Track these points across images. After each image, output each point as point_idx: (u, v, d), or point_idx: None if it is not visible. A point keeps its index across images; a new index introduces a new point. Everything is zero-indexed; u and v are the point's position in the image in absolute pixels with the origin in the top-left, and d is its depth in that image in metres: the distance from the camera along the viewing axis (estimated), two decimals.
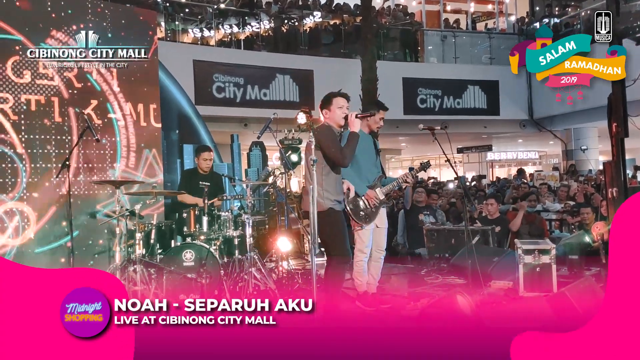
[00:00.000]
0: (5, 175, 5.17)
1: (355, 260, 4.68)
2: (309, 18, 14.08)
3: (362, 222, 4.59)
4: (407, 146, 20.86)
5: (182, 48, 12.53)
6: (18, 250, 5.19)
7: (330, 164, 4.12)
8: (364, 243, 4.64)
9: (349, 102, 4.25)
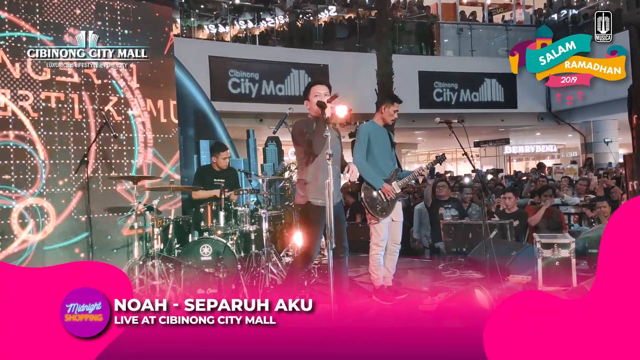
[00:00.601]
0: (25, 172, 5.25)
1: (371, 254, 4.68)
2: (324, 12, 14.05)
3: (379, 216, 4.60)
4: (423, 140, 20.75)
5: (198, 44, 12.58)
6: (38, 245, 5.27)
7: (308, 158, 3.97)
8: (379, 237, 4.63)
9: (329, 89, 3.97)
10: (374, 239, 4.67)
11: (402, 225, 4.85)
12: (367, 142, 4.68)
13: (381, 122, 4.81)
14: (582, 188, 9.01)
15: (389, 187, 4.60)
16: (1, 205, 5.10)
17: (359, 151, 4.70)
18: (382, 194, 4.60)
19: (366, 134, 4.72)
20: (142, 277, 4.90)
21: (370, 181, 4.63)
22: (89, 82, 5.64)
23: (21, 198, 5.21)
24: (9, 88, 5.20)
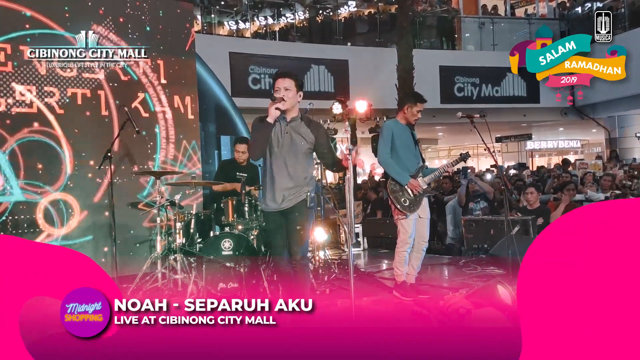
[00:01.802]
0: (50, 167, 5.34)
1: (397, 250, 4.65)
2: (344, 8, 14.01)
3: (406, 211, 4.58)
4: (444, 136, 20.59)
5: (219, 40, 12.65)
6: (62, 239, 5.37)
7: (263, 161, 3.64)
8: (407, 233, 4.60)
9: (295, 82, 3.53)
10: (401, 235, 4.64)
11: (429, 222, 4.80)
12: (390, 140, 4.64)
13: (404, 121, 4.74)
14: (607, 184, 8.85)
15: (415, 182, 4.58)
16: (27, 199, 5.20)
17: (383, 148, 4.66)
18: (408, 189, 4.59)
19: (389, 132, 4.68)
20: (165, 271, 4.95)
21: (395, 177, 4.60)
22: (114, 79, 5.72)
23: (46, 193, 5.30)
24: (35, 85, 5.29)
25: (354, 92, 12.40)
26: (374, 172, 16.78)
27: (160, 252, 5.04)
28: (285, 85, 3.49)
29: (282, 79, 3.51)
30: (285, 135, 3.49)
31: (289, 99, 3.47)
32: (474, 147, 22.79)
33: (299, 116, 3.58)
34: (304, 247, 3.59)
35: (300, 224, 3.53)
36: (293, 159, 3.50)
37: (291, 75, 3.55)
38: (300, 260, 3.54)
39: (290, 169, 3.50)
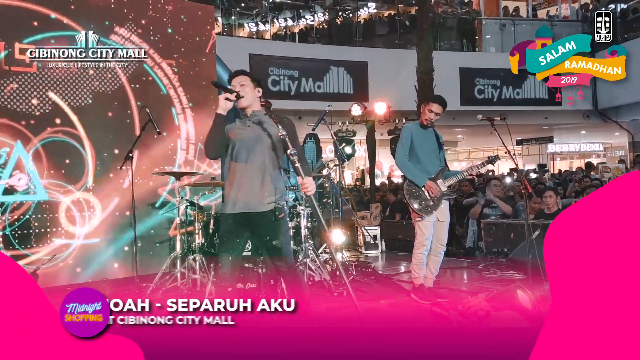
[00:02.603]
0: (73, 167, 5.42)
1: (414, 253, 4.61)
2: (364, 9, 13.99)
3: (422, 213, 4.53)
4: (463, 138, 20.43)
5: (238, 42, 12.73)
6: (85, 238, 5.44)
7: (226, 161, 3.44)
8: (424, 235, 4.55)
9: (252, 79, 3.37)
10: (418, 237, 4.59)
11: (448, 225, 4.75)
12: (409, 142, 4.60)
13: (426, 123, 4.67)
14: None
15: (432, 184, 4.53)
16: (50, 198, 5.29)
17: (400, 150, 4.64)
18: (425, 191, 4.55)
19: (408, 134, 4.64)
20: (184, 271, 5.00)
21: (412, 179, 4.56)
22: (135, 80, 5.79)
23: (69, 192, 5.39)
24: (59, 85, 5.38)
25: (373, 94, 12.37)
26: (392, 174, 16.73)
27: (180, 252, 5.09)
28: (240, 81, 3.32)
29: (236, 77, 3.36)
30: (248, 129, 3.28)
31: (247, 94, 3.28)
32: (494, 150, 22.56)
33: (261, 111, 3.38)
34: (288, 258, 3.34)
35: (275, 238, 3.26)
36: (259, 156, 3.25)
37: (245, 72, 3.42)
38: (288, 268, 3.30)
39: (256, 168, 3.24)
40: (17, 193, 5.13)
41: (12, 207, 5.09)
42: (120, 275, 5.57)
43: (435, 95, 4.85)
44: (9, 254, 4.99)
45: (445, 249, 4.72)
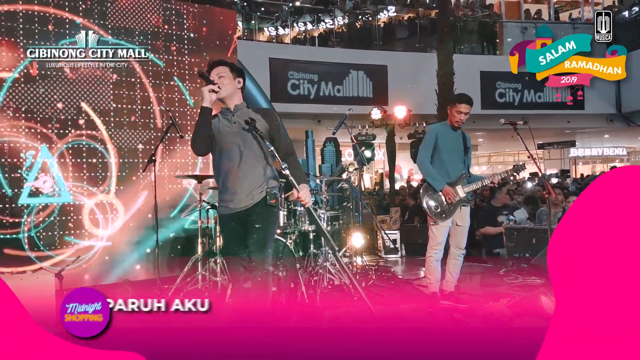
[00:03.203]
0: (97, 170, 5.51)
1: (426, 256, 4.58)
2: (383, 13, 13.97)
3: (437, 218, 4.49)
4: (484, 142, 20.27)
5: (259, 46, 12.79)
6: (108, 240, 5.52)
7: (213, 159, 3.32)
8: (436, 239, 4.51)
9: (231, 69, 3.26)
10: (430, 241, 4.55)
11: (467, 230, 4.71)
12: (433, 143, 4.53)
13: (454, 124, 4.61)
14: None
15: (450, 189, 4.46)
16: (74, 201, 5.37)
17: (422, 151, 4.57)
18: (442, 196, 4.49)
19: (433, 135, 4.57)
20: (205, 274, 5.03)
21: (431, 182, 4.51)
22: (157, 83, 5.87)
23: (92, 195, 5.47)
24: (83, 89, 5.47)
25: (393, 98, 12.34)
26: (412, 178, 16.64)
27: (201, 255, 5.13)
28: (218, 72, 3.20)
29: (215, 68, 3.23)
30: (233, 125, 3.17)
31: (225, 86, 3.16)
32: (515, 154, 22.32)
33: (243, 104, 3.28)
34: (263, 247, 3.14)
35: (259, 222, 3.14)
36: (246, 152, 3.15)
37: (223, 62, 3.28)
38: (260, 265, 3.11)
39: (244, 164, 3.14)
40: (42, 195, 5.22)
41: (38, 209, 5.18)
42: (142, 277, 5.64)
43: (460, 94, 4.72)
44: (33, 256, 5.09)
45: (464, 252, 4.68)
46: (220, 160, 3.20)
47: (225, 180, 3.18)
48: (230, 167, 3.15)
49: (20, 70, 5.13)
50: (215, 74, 3.18)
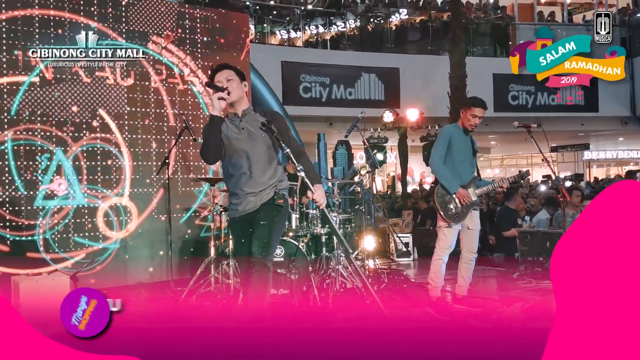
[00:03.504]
0: (111, 172, 5.55)
1: (433, 259, 4.52)
2: (395, 15, 13.96)
3: (451, 220, 4.45)
4: (497, 145, 20.16)
5: (271, 50, 12.84)
6: (121, 243, 5.56)
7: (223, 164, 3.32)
8: (447, 242, 4.47)
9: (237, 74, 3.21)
10: (440, 243, 4.50)
11: (478, 233, 4.68)
12: (446, 145, 4.48)
13: (462, 127, 4.58)
14: None
15: (464, 192, 4.44)
16: (89, 204, 5.42)
17: (436, 152, 4.50)
18: (456, 198, 4.46)
19: (447, 136, 4.52)
20: (218, 276, 5.05)
21: (445, 184, 4.45)
22: (170, 87, 5.91)
23: (106, 197, 5.51)
24: (97, 93, 5.51)
25: (405, 100, 12.33)
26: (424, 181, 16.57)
27: (214, 257, 5.15)
28: (225, 76, 3.15)
29: (220, 72, 3.18)
30: (242, 131, 3.14)
31: (234, 90, 3.12)
32: (528, 157, 22.19)
33: (250, 108, 3.24)
34: (266, 245, 3.12)
35: (264, 219, 3.16)
36: (256, 157, 3.15)
37: (229, 66, 3.23)
38: (261, 260, 3.07)
39: (254, 169, 3.15)
40: (57, 198, 5.27)
41: (53, 212, 5.23)
42: (155, 279, 5.67)
43: (474, 98, 4.66)
44: (48, 258, 5.14)
45: (476, 256, 4.65)
46: (230, 166, 3.20)
47: (235, 185, 3.20)
48: (240, 173, 3.16)
49: (36, 74, 5.19)
50: (223, 78, 3.15)
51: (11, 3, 5.07)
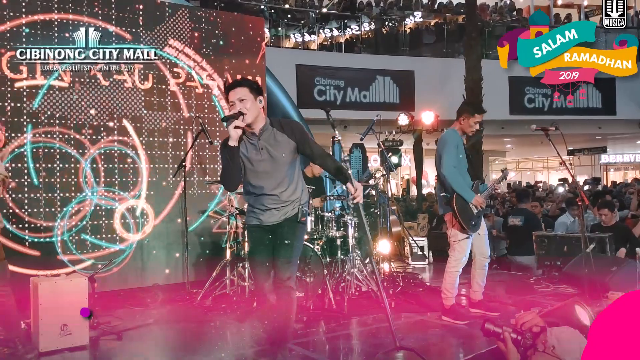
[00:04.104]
0: (128, 175, 5.60)
1: (449, 270, 4.40)
2: (410, 18, 13.93)
3: (471, 230, 4.35)
4: (512, 148, 20.02)
5: (286, 53, 12.87)
6: (138, 244, 5.60)
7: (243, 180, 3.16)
8: (464, 253, 4.37)
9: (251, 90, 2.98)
10: (457, 254, 4.39)
11: (487, 237, 4.62)
12: (456, 151, 4.40)
13: (460, 133, 4.49)
14: None
15: (480, 199, 4.36)
16: (106, 205, 5.47)
17: (449, 161, 4.35)
18: (473, 206, 4.38)
19: (456, 144, 4.42)
20: (233, 278, 5.07)
21: (462, 193, 4.31)
22: (187, 90, 5.95)
23: (123, 199, 5.56)
24: (115, 96, 5.57)
25: (420, 103, 12.28)
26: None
27: (229, 259, 5.17)
28: (239, 96, 2.94)
29: (233, 91, 2.97)
30: (262, 152, 2.99)
31: (249, 111, 2.93)
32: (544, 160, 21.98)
33: (267, 124, 3.04)
34: (292, 264, 3.08)
35: (289, 238, 3.07)
36: (279, 177, 3.04)
37: (243, 82, 3.02)
38: (286, 282, 3.03)
39: (277, 189, 3.05)
40: (75, 200, 5.32)
41: (70, 214, 5.29)
42: (171, 281, 5.70)
43: (476, 105, 4.60)
44: (66, 259, 5.19)
45: (489, 260, 4.60)
46: (250, 186, 3.10)
47: (256, 201, 3.11)
48: (262, 192, 3.06)
49: (55, 77, 5.25)
50: (236, 98, 2.94)
51: (31, 7, 5.14)
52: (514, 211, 7.17)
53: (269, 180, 3.03)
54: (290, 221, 3.10)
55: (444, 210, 4.50)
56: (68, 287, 3.73)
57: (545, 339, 1.64)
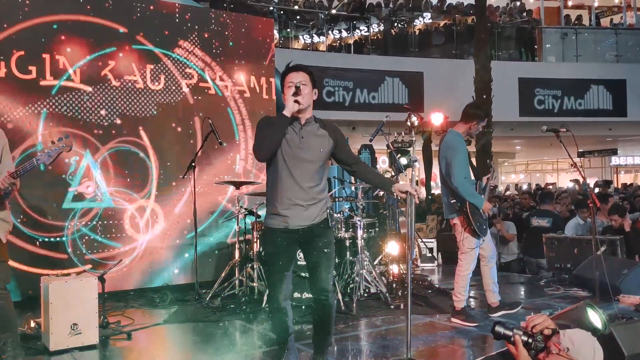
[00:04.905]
0: (138, 176, 5.62)
1: (461, 274, 4.37)
2: (419, 19, 13.90)
3: (483, 235, 4.35)
4: (521, 149, 19.92)
5: (294, 54, 12.88)
6: (147, 244, 5.62)
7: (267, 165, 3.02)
8: (474, 255, 4.35)
9: (310, 76, 2.93)
10: (469, 258, 4.36)
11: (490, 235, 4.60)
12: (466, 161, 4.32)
13: (465, 137, 4.44)
14: None
15: (489, 204, 4.37)
16: (115, 205, 5.49)
17: (462, 169, 4.23)
18: (483, 212, 4.35)
19: (465, 152, 4.33)
20: (242, 279, 5.08)
21: (473, 201, 4.25)
22: (197, 92, 5.96)
23: (133, 200, 5.58)
24: (125, 97, 5.60)
25: (429, 104, 12.25)
26: None
27: (238, 260, 5.18)
28: (300, 79, 2.86)
29: (296, 73, 2.90)
30: (302, 140, 2.88)
31: (306, 96, 2.85)
32: (554, 162, 21.86)
33: (312, 118, 2.98)
34: (332, 276, 2.99)
35: (327, 246, 2.94)
36: (309, 168, 2.90)
37: (306, 69, 2.94)
38: (331, 294, 2.94)
39: (306, 181, 2.89)
40: (85, 200, 5.35)
41: (81, 213, 5.32)
42: (181, 281, 5.72)
43: (485, 109, 4.60)
44: (76, 259, 5.22)
45: (496, 256, 4.59)
46: (282, 173, 2.91)
47: (282, 191, 2.91)
48: (291, 182, 2.89)
49: (66, 78, 5.28)
50: (297, 81, 2.85)
51: (41, 9, 5.18)
52: (538, 212, 7.09)
53: (303, 170, 2.89)
54: (323, 227, 2.96)
55: (450, 215, 4.45)
56: (78, 286, 3.74)
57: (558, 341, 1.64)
